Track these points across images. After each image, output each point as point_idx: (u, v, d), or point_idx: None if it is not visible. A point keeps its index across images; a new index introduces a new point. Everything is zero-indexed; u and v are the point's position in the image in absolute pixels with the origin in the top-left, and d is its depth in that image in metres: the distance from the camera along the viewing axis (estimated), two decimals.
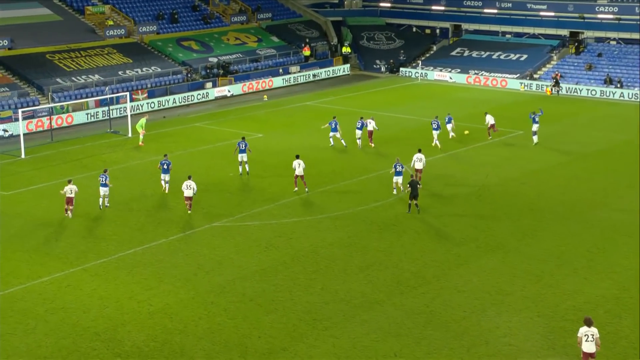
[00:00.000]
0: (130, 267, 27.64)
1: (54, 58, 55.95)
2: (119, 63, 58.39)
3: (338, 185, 37.18)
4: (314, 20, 75.62)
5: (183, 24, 67.11)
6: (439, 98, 59.46)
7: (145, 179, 38.15)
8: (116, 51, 59.58)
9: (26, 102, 50.40)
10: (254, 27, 70.97)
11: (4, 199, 35.30)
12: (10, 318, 23.62)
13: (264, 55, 66.63)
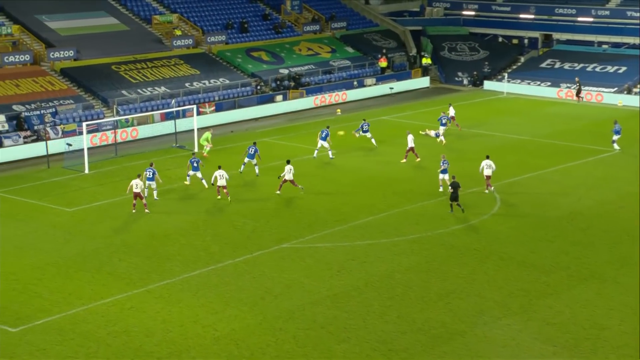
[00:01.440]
0: (195, 289, 28.07)
1: (119, 69, 57.51)
2: (186, 74, 59.65)
3: (415, 205, 37.02)
4: (392, 29, 75.77)
5: (253, 33, 68.16)
6: (526, 113, 58.68)
7: (211, 196, 38.71)
8: (183, 62, 60.89)
9: (90, 115, 51.91)
10: (328, 37, 71.54)
11: (67, 216, 36.35)
12: (72, 341, 24.23)
13: (337, 66, 67.06)
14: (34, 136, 48.38)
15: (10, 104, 50.04)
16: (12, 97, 50.81)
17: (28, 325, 25.17)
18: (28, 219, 35.75)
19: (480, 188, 39.01)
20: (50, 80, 53.80)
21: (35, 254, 31.41)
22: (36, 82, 52.94)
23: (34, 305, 26.64)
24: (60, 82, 54.02)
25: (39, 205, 37.85)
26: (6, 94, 50.85)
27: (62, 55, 56.13)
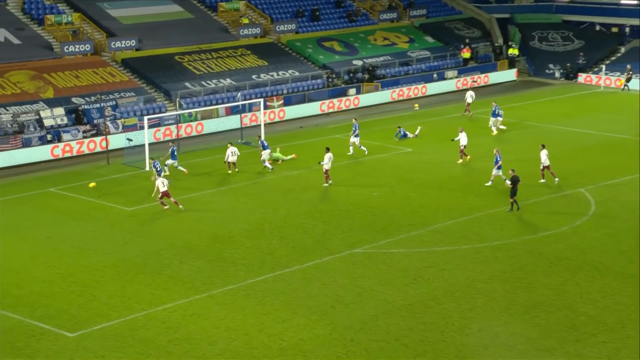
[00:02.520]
0: (260, 296, 28.32)
1: (183, 60, 58.39)
2: (253, 66, 60.21)
3: (499, 209, 36.62)
4: (476, 17, 75.12)
5: (325, 22, 68.40)
6: (626, 110, 57.39)
7: (278, 196, 39.02)
8: (250, 52, 61.47)
9: (152, 108, 52.84)
10: (406, 26, 71.32)
11: (126, 215, 37.10)
12: (131, 348, 24.73)
13: (416, 57, 66.81)
14: (93, 130, 49.51)
15: (69, 97, 51.34)
16: (72, 89, 52.11)
17: (86, 330, 25.77)
18: (86, 218, 36.60)
19: (572, 190, 38.42)
20: (111, 71, 54.99)
21: (94, 255, 32.14)
22: (96, 74, 54.18)
23: (92, 309, 27.27)
24: (121, 74, 55.17)
25: (98, 203, 38.70)
26: (66, 85, 52.18)
27: (123, 45, 57.32)
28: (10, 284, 29.36)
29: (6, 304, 27.63)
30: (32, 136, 47.28)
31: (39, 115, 48.78)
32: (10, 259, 31.81)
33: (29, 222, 36.05)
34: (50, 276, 30.09)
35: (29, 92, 50.70)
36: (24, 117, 48.22)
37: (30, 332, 25.68)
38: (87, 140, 48.46)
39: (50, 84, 51.77)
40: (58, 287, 29.08)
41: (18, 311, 27.05)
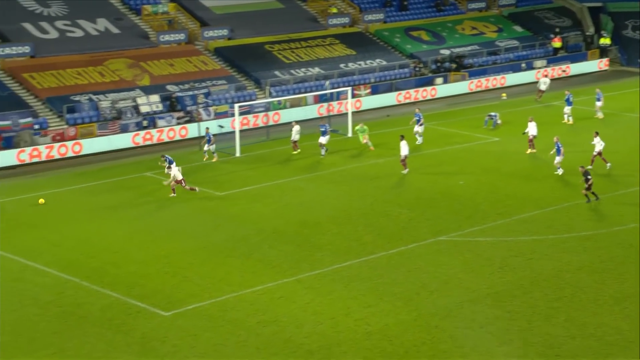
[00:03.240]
0: (346, 280, 28.44)
1: (273, 49, 58.84)
2: (341, 55, 60.27)
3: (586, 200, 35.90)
4: (567, 6, 73.47)
5: (413, 11, 67.95)
6: None
7: (364, 184, 39.04)
8: (339, 42, 61.55)
9: (243, 96, 53.44)
10: (494, 15, 70.30)
11: (217, 200, 37.70)
12: (221, 328, 25.16)
13: (504, 47, 65.80)
14: (186, 117, 50.36)
15: (164, 84, 52.35)
16: (167, 77, 53.11)
17: (179, 309, 26.32)
18: (179, 202, 37.29)
19: None
20: (204, 59, 55.80)
21: (186, 238, 32.76)
22: (190, 62, 55.05)
23: (185, 290, 27.82)
24: (213, 62, 55.95)
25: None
26: (161, 73, 53.20)
27: (216, 34, 58.09)
28: (108, 263, 30.21)
29: (105, 282, 28.44)
30: (129, 122, 48.41)
31: (135, 102, 49.89)
32: (108, 240, 32.71)
33: (126, 205, 36.96)
34: (146, 257, 30.83)
35: (126, 79, 51.87)
36: (122, 104, 49.38)
37: (128, 310, 26.37)
38: (179, 127, 49.34)
39: (146, 72, 52.85)
40: (153, 268, 29.76)
41: (116, 289, 27.81)
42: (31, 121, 46.19)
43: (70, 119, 47.60)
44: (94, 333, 24.85)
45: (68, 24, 54.55)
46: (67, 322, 25.59)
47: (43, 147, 44.86)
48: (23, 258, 30.61)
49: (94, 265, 29.95)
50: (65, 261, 30.33)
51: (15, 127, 45.40)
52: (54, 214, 36.02)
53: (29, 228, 34.10)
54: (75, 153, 45.76)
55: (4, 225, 34.40)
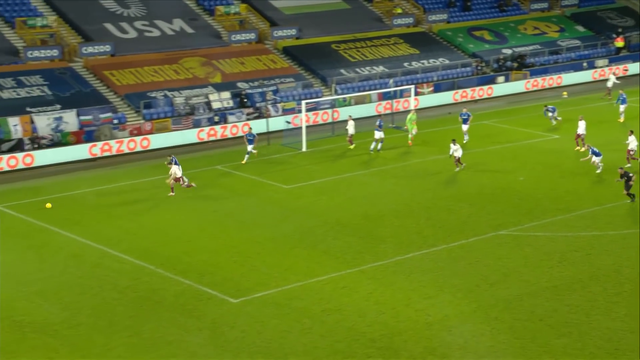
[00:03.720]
0: (407, 272, 28.34)
1: (339, 48, 58.88)
2: (405, 54, 60.00)
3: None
4: (630, 6, 71.90)
5: (476, 12, 67.26)
6: None
7: (425, 179, 38.83)
8: (403, 41, 61.29)
9: (310, 93, 53.62)
10: (557, 15, 69.16)
11: (284, 193, 37.90)
12: (287, 315, 25.30)
13: (565, 46, 64.68)
14: (255, 113, 50.72)
15: (235, 82, 52.81)
16: (237, 74, 53.56)
17: (247, 297, 26.56)
18: (248, 194, 37.62)
19: None
20: (273, 58, 56.11)
21: (254, 229, 33.02)
22: (259, 61, 55.41)
23: (253, 279, 28.05)
24: (282, 61, 56.22)
25: (258, 181, 39.71)
26: (232, 71, 53.68)
27: (284, 33, 58.37)
28: (181, 252, 30.62)
29: (178, 269, 28.84)
30: (201, 117, 48.98)
31: (207, 98, 50.44)
32: (181, 229, 33.15)
33: (198, 197, 37.39)
34: (216, 246, 31.16)
35: (199, 77, 52.47)
36: (195, 100, 49.97)
37: (199, 296, 26.71)
38: (249, 122, 49.65)
39: (218, 70, 53.37)
40: (223, 257, 30.07)
41: (188, 277, 28.18)
42: (111, 116, 47.09)
43: (147, 114, 48.38)
44: (167, 317, 25.23)
45: (146, 24, 55.40)
46: (142, 307, 26.04)
47: (115, 141, 45.55)
48: (102, 245, 31.23)
49: (168, 254, 30.40)
50: (141, 249, 30.85)
51: (96, 122, 46.35)
52: (131, 204, 36.67)
53: (108, 217, 34.77)
54: (144, 148, 46.25)
55: (85, 214, 35.15)
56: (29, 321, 25.01)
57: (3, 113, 44.71)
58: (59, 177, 41.37)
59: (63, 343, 23.69)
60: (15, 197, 37.12)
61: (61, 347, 23.45)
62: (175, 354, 23.05)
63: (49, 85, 48.08)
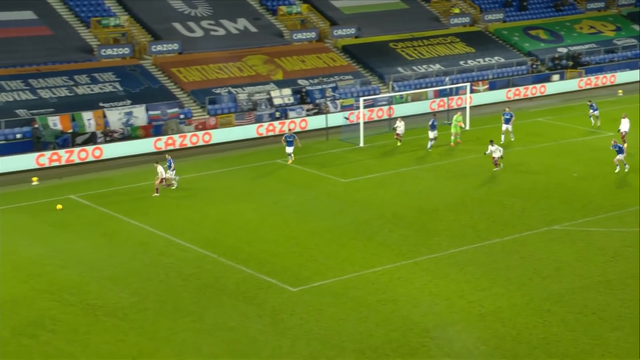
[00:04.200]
0: (461, 264, 28.08)
1: (396, 46, 58.61)
2: (461, 52, 59.44)
3: None
4: None
5: (532, 11, 66.28)
6: None
7: (479, 174, 38.42)
8: (459, 40, 60.72)
9: (367, 90, 53.48)
10: (613, 15, 67.75)
11: (342, 186, 37.88)
12: (344, 304, 25.29)
13: (621, 45, 63.29)
14: (315, 109, 50.78)
15: (295, 79, 52.95)
16: (298, 72, 53.69)
17: (305, 286, 26.62)
18: (307, 187, 37.70)
19: None
20: (332, 56, 56.10)
21: (313, 220, 33.08)
22: (319, 58, 55.45)
23: (311, 268, 28.11)
24: (341, 59, 56.17)
25: (317, 174, 39.76)
26: (293, 69, 53.82)
27: (344, 32, 58.32)
28: (243, 242, 30.84)
29: (240, 259, 29.06)
30: (263, 113, 49.24)
31: (269, 94, 50.68)
32: (243, 220, 33.39)
33: (260, 189, 37.64)
34: (276, 237, 31.30)
35: (262, 74, 52.76)
36: (257, 96, 50.26)
37: (259, 284, 26.87)
38: (309, 118, 49.82)
39: (280, 67, 53.58)
40: (282, 247, 30.19)
41: (249, 266, 28.37)
42: (177, 111, 47.65)
43: (212, 110, 48.83)
44: (229, 304, 25.44)
45: (212, 23, 55.89)
46: (205, 294, 26.30)
47: (179, 136, 46.00)
48: (168, 234, 31.63)
49: (230, 243, 30.64)
50: (205, 238, 31.15)
51: (163, 117, 46.95)
52: (196, 195, 37.05)
53: (174, 208, 35.19)
54: (206, 142, 46.51)
55: (152, 205, 35.64)
56: (100, 304, 25.48)
57: (78, 108, 45.61)
58: (128, 169, 42.01)
59: (132, 326, 24.08)
60: (87, 187, 37.84)
61: (130, 330, 23.84)
62: (236, 339, 23.23)
63: (121, 81, 48.88)
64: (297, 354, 22.26)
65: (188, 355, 22.40)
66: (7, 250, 30.04)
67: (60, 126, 44.12)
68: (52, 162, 42.16)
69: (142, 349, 22.76)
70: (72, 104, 45.95)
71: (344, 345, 22.74)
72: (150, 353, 22.53)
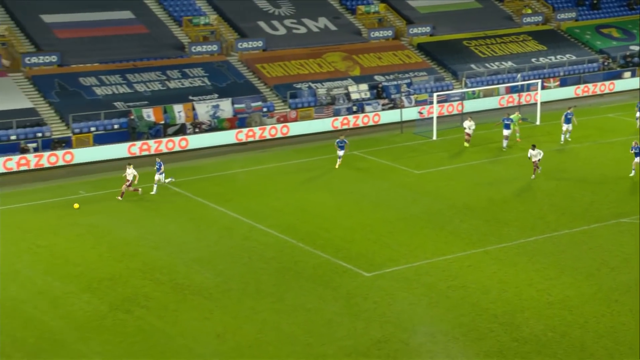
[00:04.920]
0: (530, 254, 27.59)
1: (470, 44, 57.74)
2: (533, 50, 58.19)
3: None
4: None
5: (605, 10, 64.38)
6: None
7: (549, 167, 37.57)
8: (531, 38, 59.45)
9: (441, 86, 52.88)
10: None
11: (414, 178, 37.62)
12: (415, 289, 25.16)
13: None
14: (390, 104, 50.52)
15: (372, 75, 52.74)
16: (374, 68, 53.47)
17: (379, 272, 26.58)
18: (381, 178, 37.57)
19: None
20: (408, 54, 55.66)
21: (387, 210, 32.96)
22: (395, 56, 55.08)
23: (384, 255, 28.03)
24: (416, 56, 55.68)
25: (391, 166, 39.58)
26: (370, 65, 53.63)
27: (419, 31, 57.75)
28: (320, 228, 30.95)
29: (317, 244, 29.18)
30: (341, 107, 49.24)
31: (347, 90, 50.63)
32: (320, 208, 33.50)
33: (337, 179, 37.69)
34: (352, 225, 31.30)
35: (340, 70, 52.72)
36: (335, 91, 50.26)
37: (335, 269, 26.93)
38: (384, 112, 49.60)
39: (357, 64, 53.45)
40: (357, 234, 30.18)
41: (326, 251, 28.47)
42: (261, 105, 48.05)
43: (293, 104, 49.07)
44: (307, 287, 25.59)
45: (294, 22, 56.12)
46: (285, 276, 26.50)
47: (258, 128, 46.29)
48: (251, 220, 31.97)
49: (308, 229, 30.79)
50: (285, 225, 31.37)
51: (247, 110, 47.42)
52: (277, 184, 37.34)
53: (257, 195, 35.55)
54: (284, 134, 46.64)
55: (236, 192, 36.09)
56: (188, 284, 25.96)
57: (169, 101, 46.46)
58: (213, 158, 42.62)
59: (217, 305, 24.46)
60: (177, 175, 38.53)
61: (215, 309, 24.22)
62: (313, 320, 23.36)
63: (209, 76, 49.56)
64: (370, 336, 22.25)
65: (268, 333, 22.64)
66: (104, 232, 30.89)
67: (154, 118, 45.05)
68: (142, 151, 43.09)
69: (226, 326, 23.10)
70: (164, 97, 46.85)
71: (416, 328, 22.64)
72: (233, 330, 22.84)
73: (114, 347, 21.99)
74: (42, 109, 44.52)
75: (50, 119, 44.04)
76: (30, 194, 32.19)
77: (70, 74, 47.00)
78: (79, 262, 27.77)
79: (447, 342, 21.77)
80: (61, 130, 43.56)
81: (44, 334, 22.74)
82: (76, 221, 32.06)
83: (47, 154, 41.13)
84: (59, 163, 41.24)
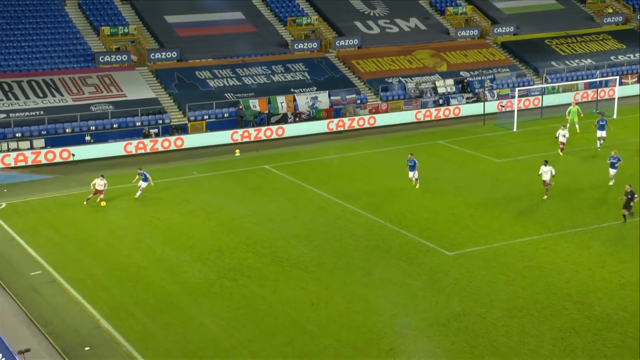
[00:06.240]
0: (604, 239, 26.67)
1: (551, 43, 55.94)
2: (612, 49, 55.85)
3: None
4: None
5: None
6: None
7: (626, 158, 35.99)
8: (611, 37, 57.07)
9: (522, 82, 51.47)
10: None
11: (495, 166, 36.83)
12: (493, 268, 24.70)
13: None
14: (474, 98, 49.54)
15: (458, 71, 51.80)
16: (460, 65, 52.49)
17: (460, 251, 26.22)
18: (464, 165, 36.95)
19: None
20: (492, 51, 54.38)
21: (468, 194, 32.41)
22: (480, 53, 53.92)
23: (465, 236, 27.61)
24: (499, 54, 54.34)
25: (473, 154, 38.85)
26: (456, 62, 52.69)
27: (504, 30, 56.33)
28: (407, 210, 30.74)
29: (403, 224, 29.02)
30: (428, 100, 48.63)
31: (434, 84, 49.94)
32: (407, 191, 33.13)
33: (422, 165, 36.86)
34: (436, 207, 30.96)
35: (428, 66, 52.02)
36: (423, 86, 49.67)
37: (420, 247, 26.73)
38: (468, 106, 48.70)
39: (444, 61, 52.60)
40: (441, 217, 29.82)
41: (411, 231, 28.28)
42: (355, 97, 47.98)
43: (384, 96, 48.78)
44: (393, 263, 25.49)
45: (387, 22, 55.68)
46: (373, 253, 26.48)
47: (347, 118, 46.19)
48: (343, 201, 32.04)
49: (395, 211, 30.62)
50: (374, 206, 31.29)
51: (343, 101, 47.45)
52: (368, 168, 37.28)
53: (350, 179, 35.58)
54: (371, 125, 46.30)
55: (331, 176, 36.23)
56: (286, 257, 26.28)
57: (274, 92, 46.99)
58: (310, 145, 42.83)
59: (311, 277, 24.67)
60: (278, 159, 39.03)
61: (310, 280, 24.45)
62: (398, 293, 23.28)
63: (309, 71, 49.81)
64: (451, 309, 22.01)
65: (357, 304, 22.69)
66: (214, 209, 31.60)
67: (259, 107, 45.68)
68: (244, 138, 43.69)
69: (320, 296, 23.28)
70: (269, 89, 47.40)
71: (493, 304, 22.23)
72: (326, 300, 23.01)
73: (221, 310, 22.52)
74: (163, 99, 45.86)
75: (170, 108, 45.33)
76: (151, 174, 33.21)
77: (188, 68, 48.17)
78: (191, 235, 28.52)
79: (522, 318, 21.28)
80: (179, 118, 44.79)
81: (162, 297, 23.51)
82: (190, 198, 32.93)
83: (160, 139, 42.13)
84: (171, 147, 42.19)
